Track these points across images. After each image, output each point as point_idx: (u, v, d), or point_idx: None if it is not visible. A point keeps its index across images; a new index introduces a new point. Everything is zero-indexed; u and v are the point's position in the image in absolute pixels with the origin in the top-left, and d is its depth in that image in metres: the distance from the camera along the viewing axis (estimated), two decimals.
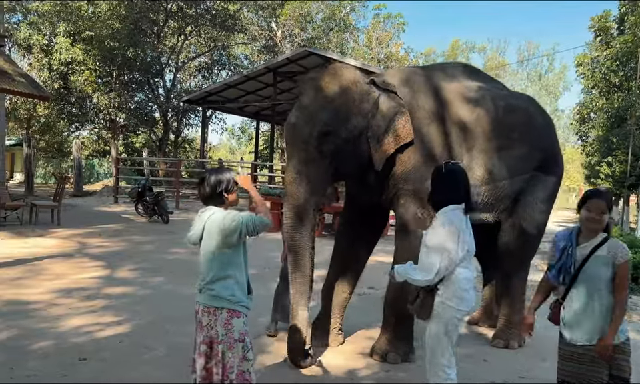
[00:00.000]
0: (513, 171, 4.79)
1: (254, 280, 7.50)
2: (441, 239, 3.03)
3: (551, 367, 4.63)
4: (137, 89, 25.42)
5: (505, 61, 57.88)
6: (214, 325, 2.85)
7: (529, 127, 4.93)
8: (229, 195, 2.95)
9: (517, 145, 4.81)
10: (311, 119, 4.00)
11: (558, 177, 5.26)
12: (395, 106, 4.21)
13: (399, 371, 4.32)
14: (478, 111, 4.68)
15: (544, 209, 5.14)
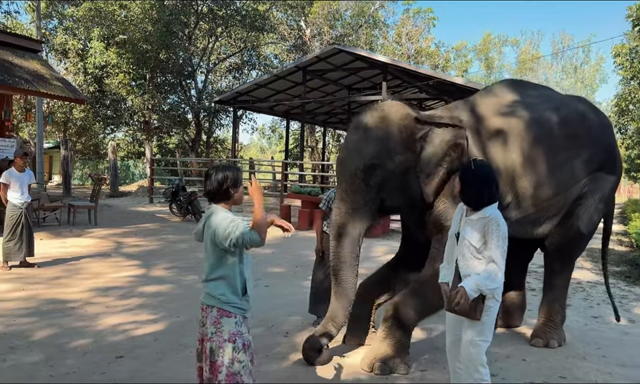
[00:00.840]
0: (572, 180, 4.76)
1: (284, 278, 7.54)
2: (500, 241, 3.08)
3: (591, 366, 4.51)
4: (170, 91, 25.83)
5: (538, 54, 56.56)
6: (205, 322, 2.86)
7: (586, 132, 4.83)
8: (234, 191, 2.89)
9: (574, 154, 4.74)
10: (358, 153, 4.13)
11: (617, 176, 5.20)
12: (449, 139, 4.22)
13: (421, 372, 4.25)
14: (529, 136, 4.59)
15: (602, 208, 5.09)
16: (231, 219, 2.76)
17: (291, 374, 4.10)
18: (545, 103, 4.89)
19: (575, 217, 4.89)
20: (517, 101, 4.83)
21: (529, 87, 5.27)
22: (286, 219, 13.15)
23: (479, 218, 3.16)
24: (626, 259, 11.13)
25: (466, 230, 3.20)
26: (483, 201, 3.18)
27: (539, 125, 4.64)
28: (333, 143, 37.40)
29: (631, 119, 21.88)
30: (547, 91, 5.32)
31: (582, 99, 5.44)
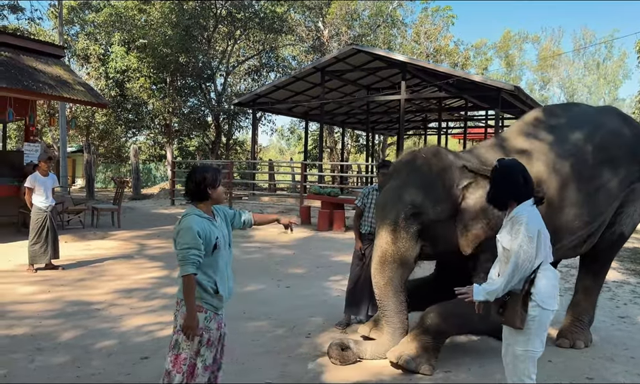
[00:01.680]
0: (610, 200, 4.75)
1: (305, 279, 7.51)
2: (527, 243, 2.89)
3: (620, 368, 4.42)
4: (190, 94, 26.05)
5: (559, 51, 55.68)
6: (177, 315, 2.99)
7: (621, 151, 4.80)
8: (212, 191, 2.98)
9: (611, 176, 4.71)
10: (399, 200, 4.22)
11: None
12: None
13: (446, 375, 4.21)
14: (564, 171, 4.57)
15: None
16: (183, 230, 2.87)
17: (315, 375, 4.10)
18: (578, 130, 4.81)
19: (617, 224, 4.94)
20: (551, 135, 4.79)
21: (561, 114, 5.14)
22: (305, 220, 13.19)
23: (509, 218, 3.05)
24: None
25: (501, 234, 3.09)
26: (506, 199, 3.07)
27: (573, 156, 4.60)
28: (352, 143, 37.34)
29: None
30: (578, 113, 5.17)
31: (613, 112, 5.33)
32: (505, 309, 2.97)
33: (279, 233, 11.65)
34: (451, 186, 4.25)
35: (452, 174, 4.27)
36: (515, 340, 3.00)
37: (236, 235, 11.47)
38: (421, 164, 4.33)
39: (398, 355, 4.10)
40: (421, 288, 4.90)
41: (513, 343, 3.02)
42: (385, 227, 4.25)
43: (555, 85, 58.98)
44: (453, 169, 4.29)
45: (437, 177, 4.26)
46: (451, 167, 4.30)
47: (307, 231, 12.07)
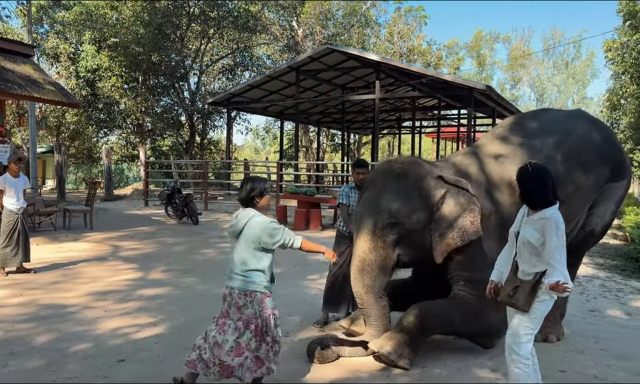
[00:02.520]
0: (583, 204, 4.93)
1: (282, 278, 7.53)
2: (560, 240, 3.26)
3: (590, 360, 4.55)
4: (163, 93, 25.74)
5: (529, 50, 56.77)
6: (249, 305, 3.54)
7: (591, 156, 4.93)
8: (259, 200, 3.69)
9: (581, 182, 4.85)
10: (377, 209, 4.28)
11: (628, 179, 5.37)
12: (463, 203, 4.35)
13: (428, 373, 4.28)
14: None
15: (614, 210, 5.31)
16: (277, 225, 3.65)
17: (293, 373, 4.12)
18: (549, 138, 4.94)
19: (588, 225, 5.11)
20: (524, 141, 4.93)
21: (532, 122, 5.28)
22: (282, 219, 13.18)
23: (539, 218, 3.34)
24: (621, 252, 11.21)
25: (527, 229, 3.38)
26: (541, 201, 3.37)
27: (547, 163, 4.68)
28: (328, 143, 37.41)
29: (622, 113, 22.03)
30: (549, 120, 5.29)
31: (582, 116, 5.47)
32: (515, 293, 3.34)
33: None
34: (427, 196, 4.35)
35: (428, 184, 4.38)
36: (521, 323, 3.35)
37: (213, 235, 11.40)
38: (398, 174, 4.40)
39: (380, 346, 4.17)
40: (402, 288, 4.98)
41: (519, 325, 3.36)
42: (363, 236, 4.31)
43: (525, 84, 60.17)
44: (429, 179, 4.39)
45: (414, 187, 4.35)
46: (427, 177, 4.40)
47: None
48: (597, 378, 4.14)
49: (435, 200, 4.35)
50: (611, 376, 4.18)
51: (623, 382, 4.09)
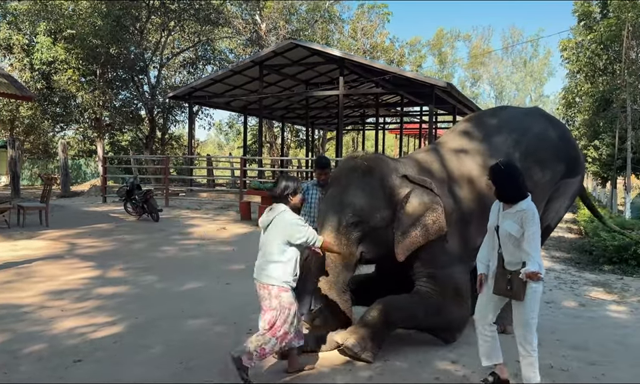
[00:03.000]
0: (542, 197, 5.01)
1: (246, 275, 7.46)
2: (536, 229, 3.52)
3: (546, 350, 4.67)
4: (122, 87, 25.08)
5: (489, 49, 58.03)
6: (267, 297, 3.81)
7: (547, 154, 5.08)
8: (292, 198, 3.89)
9: (538, 178, 4.97)
10: (341, 207, 4.28)
11: (581, 175, 5.59)
12: (426, 202, 4.37)
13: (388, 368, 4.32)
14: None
15: (569, 205, 5.57)
16: (303, 223, 3.81)
17: (257, 370, 4.09)
18: (507, 136, 5.05)
19: (545, 219, 5.20)
20: (484, 139, 5.02)
21: (491, 120, 5.38)
22: (246, 215, 13.09)
23: (517, 211, 3.59)
24: (575, 245, 11.60)
25: (506, 223, 3.61)
26: (516, 195, 3.63)
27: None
28: (292, 138, 37.32)
29: (577, 111, 22.75)
30: (507, 118, 5.40)
31: (539, 114, 5.63)
32: (512, 285, 3.56)
33: (218, 229, 11.50)
34: (392, 194, 4.38)
35: (393, 182, 4.40)
36: (521, 311, 3.58)
37: (174, 232, 11.18)
38: (363, 171, 4.41)
39: (344, 339, 4.19)
40: (365, 284, 5.00)
41: (520, 314, 3.59)
42: (327, 233, 4.30)
43: (485, 81, 61.50)
44: (393, 177, 4.42)
45: (378, 185, 4.36)
46: (392, 175, 4.42)
47: (247, 227, 11.97)
48: (553, 368, 4.25)
49: (399, 198, 4.38)
50: (565, 366, 4.30)
51: (579, 372, 4.22)
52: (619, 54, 14.83)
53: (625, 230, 9.72)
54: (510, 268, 3.60)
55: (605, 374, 4.15)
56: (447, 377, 4.04)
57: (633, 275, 8.56)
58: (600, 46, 15.59)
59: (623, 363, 4.42)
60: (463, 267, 4.65)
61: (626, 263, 9.02)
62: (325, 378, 3.99)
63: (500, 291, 3.65)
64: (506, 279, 3.59)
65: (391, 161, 4.75)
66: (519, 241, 3.54)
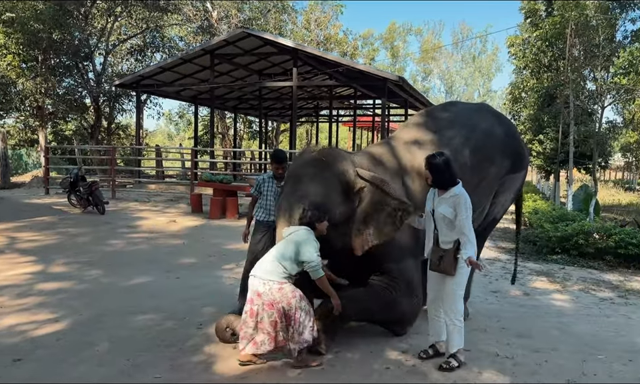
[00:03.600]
0: (489, 191, 5.25)
1: (197, 269, 7.34)
2: (468, 212, 3.97)
3: (492, 338, 4.82)
4: (65, 74, 24.01)
5: (440, 43, 59.13)
6: (269, 292, 3.90)
7: (494, 150, 5.21)
8: (319, 226, 4.08)
9: (487, 173, 5.13)
10: (300, 203, 4.21)
11: (525, 169, 5.75)
12: (382, 201, 4.37)
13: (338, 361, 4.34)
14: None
15: (513, 198, 5.77)
16: (316, 249, 3.98)
17: (206, 366, 4.02)
18: (457, 132, 5.15)
19: (492, 213, 5.47)
20: (435, 136, 5.08)
21: (441, 116, 5.47)
22: (197, 208, 12.85)
23: (450, 196, 4.04)
24: (520, 236, 11.98)
25: (441, 207, 4.05)
26: (449, 182, 4.08)
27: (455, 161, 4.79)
28: (245, 129, 36.91)
29: (523, 106, 23.46)
30: (456, 115, 5.49)
31: (487, 111, 5.76)
32: (442, 261, 4.00)
33: (168, 221, 11.24)
34: (348, 190, 4.38)
35: (349, 178, 4.39)
36: (449, 284, 4.03)
37: (121, 225, 10.85)
38: (321, 166, 4.38)
39: None
40: None
41: (449, 286, 4.03)
42: (284, 228, 4.24)
43: (435, 76, 62.60)
44: (350, 173, 4.40)
45: (336, 181, 4.35)
46: (348, 170, 4.41)
47: (198, 220, 11.75)
48: (499, 356, 4.38)
49: (355, 195, 4.39)
50: (510, 353, 4.44)
51: (523, 359, 4.35)
52: (562, 51, 15.35)
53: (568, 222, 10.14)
54: (443, 246, 4.06)
55: (548, 360, 4.31)
56: (398, 367, 4.10)
57: (574, 264, 8.94)
58: (545, 43, 16.06)
59: (565, 350, 4.59)
60: (415, 261, 4.71)
61: (568, 253, 9.40)
62: (277, 371, 3.96)
63: (433, 266, 4.11)
64: (438, 255, 4.05)
65: (348, 155, 4.75)
66: (452, 222, 4.00)
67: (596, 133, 15.37)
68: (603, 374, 4.06)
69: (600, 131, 15.98)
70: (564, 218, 10.87)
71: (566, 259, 9.24)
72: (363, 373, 3.96)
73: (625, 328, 5.44)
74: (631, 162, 37.73)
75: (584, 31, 13.94)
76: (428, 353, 4.25)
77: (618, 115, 27.36)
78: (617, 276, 8.22)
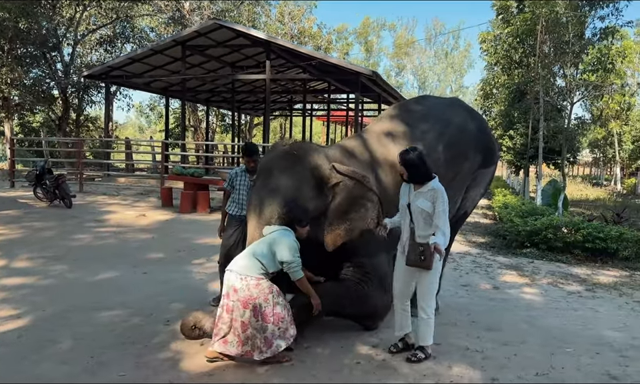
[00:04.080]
0: (462, 186, 5.27)
1: (165, 264, 7.21)
2: (445, 206, 3.98)
3: (462, 332, 4.83)
4: (32, 64, 23.36)
5: (413, 39, 59.46)
6: (245, 287, 3.79)
7: (467, 145, 5.21)
8: (300, 229, 4.04)
9: (460, 168, 5.14)
10: (272, 198, 4.13)
11: (495, 164, 5.78)
12: (356, 196, 4.31)
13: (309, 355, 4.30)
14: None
15: (483, 193, 5.83)
16: (296, 250, 3.92)
17: (172, 363, 3.92)
18: (431, 127, 5.12)
19: (463, 207, 5.50)
20: (408, 130, 5.04)
21: (414, 110, 5.44)
22: (167, 202, 12.63)
23: (428, 190, 4.03)
24: (490, 230, 12.16)
25: (419, 200, 4.03)
26: (425, 177, 4.06)
27: (429, 156, 4.72)
28: (218, 123, 36.51)
29: (494, 101, 23.77)
30: (429, 110, 5.46)
31: (459, 105, 5.78)
32: (424, 255, 3.95)
33: (137, 215, 11.02)
34: (322, 185, 4.30)
35: (323, 173, 4.31)
36: (425, 278, 4.07)
37: (89, 219, 10.58)
38: (293, 160, 4.29)
39: None
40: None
41: (423, 280, 4.08)
42: (255, 224, 4.18)
43: (409, 71, 62.98)
44: (323, 168, 4.32)
45: (309, 176, 4.26)
46: (322, 165, 4.33)
47: (169, 214, 11.56)
48: (469, 349, 4.39)
49: (329, 190, 4.32)
50: (480, 347, 4.46)
51: (492, 353, 4.38)
52: (533, 48, 15.56)
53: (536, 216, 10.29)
54: (421, 240, 4.00)
55: (517, 354, 4.33)
56: (368, 361, 4.07)
57: (543, 258, 9.08)
58: (516, 39, 16.27)
59: (534, 343, 4.63)
60: (387, 256, 4.69)
61: (537, 247, 9.55)
62: (245, 368, 3.89)
63: (412, 261, 4.05)
64: (418, 250, 4.00)
65: (321, 149, 4.69)
66: (430, 215, 3.99)
67: (565, 129, 15.65)
68: (571, 367, 4.10)
69: (569, 127, 16.27)
70: (533, 212, 11.04)
71: (535, 253, 9.37)
72: (333, 369, 3.92)
73: (592, 321, 5.53)
74: (598, 158, 38.64)
75: (554, 28, 14.14)
76: (398, 347, 4.24)
77: (586, 111, 28.01)
78: (584, 270, 8.38)
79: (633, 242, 9.19)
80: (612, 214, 13.05)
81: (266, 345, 3.78)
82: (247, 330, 3.75)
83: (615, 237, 9.09)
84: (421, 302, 4.10)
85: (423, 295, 4.11)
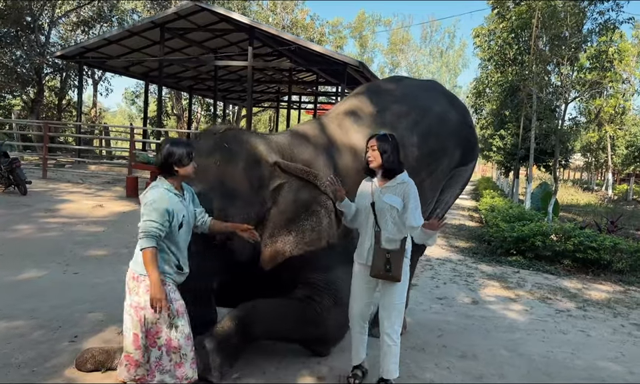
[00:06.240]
0: (437, 186, 4.47)
1: (103, 263, 6.32)
2: (418, 202, 3.29)
3: (430, 359, 4.03)
4: (10, 44, 22.31)
5: (408, 36, 58.74)
6: (138, 291, 2.84)
7: (446, 137, 4.41)
8: (179, 168, 2.87)
9: (439, 163, 4.35)
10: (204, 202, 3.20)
11: (474, 161, 4.95)
12: (305, 200, 3.52)
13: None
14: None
15: (459, 194, 5.09)
16: (155, 207, 2.75)
17: None
18: (407, 113, 4.31)
19: (433, 212, 4.57)
20: (376, 118, 4.22)
21: (387, 90, 4.63)
22: (132, 192, 11.76)
23: (398, 184, 3.32)
24: (475, 234, 11.39)
25: (387, 196, 3.29)
26: (398, 168, 3.34)
27: (401, 147, 3.90)
28: (203, 112, 35.58)
29: (487, 100, 23.07)
30: (404, 94, 4.60)
31: (438, 90, 4.94)
32: (391, 265, 3.21)
33: (94, 206, 10.15)
34: (260, 186, 3.46)
35: (262, 171, 3.47)
36: (391, 294, 3.31)
37: (40, 208, 9.63)
38: (225, 158, 3.40)
39: None
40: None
41: (389, 296, 3.31)
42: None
43: (403, 69, 62.24)
44: (263, 165, 3.48)
45: (244, 175, 3.40)
46: (260, 162, 3.49)
47: (130, 205, 10.68)
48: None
49: (269, 192, 3.49)
50: (449, 381, 3.68)
51: None
52: (528, 45, 14.84)
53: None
54: (388, 246, 3.24)
55: None
56: None
57: (530, 267, 8.35)
58: (511, 34, 15.58)
59: (513, 376, 3.88)
60: (345, 267, 3.73)
61: (523, 254, 8.81)
62: None
63: (378, 272, 3.26)
64: (384, 258, 3.23)
65: (264, 136, 3.81)
66: (400, 215, 3.26)
67: (558, 130, 14.91)
68: None
69: (562, 127, 15.53)
70: (521, 217, 10.29)
71: (521, 261, 8.63)
72: None
73: (582, 348, 4.77)
74: (590, 162, 38.12)
75: (550, 22, 13.40)
76: (358, 376, 3.49)
77: (580, 113, 27.41)
78: (574, 282, 7.64)
79: (629, 254, 8.44)
80: (605, 222, 12.33)
81: (149, 374, 2.86)
82: (138, 343, 2.84)
83: (609, 248, 8.34)
84: (385, 324, 3.32)
85: (388, 314, 3.32)
